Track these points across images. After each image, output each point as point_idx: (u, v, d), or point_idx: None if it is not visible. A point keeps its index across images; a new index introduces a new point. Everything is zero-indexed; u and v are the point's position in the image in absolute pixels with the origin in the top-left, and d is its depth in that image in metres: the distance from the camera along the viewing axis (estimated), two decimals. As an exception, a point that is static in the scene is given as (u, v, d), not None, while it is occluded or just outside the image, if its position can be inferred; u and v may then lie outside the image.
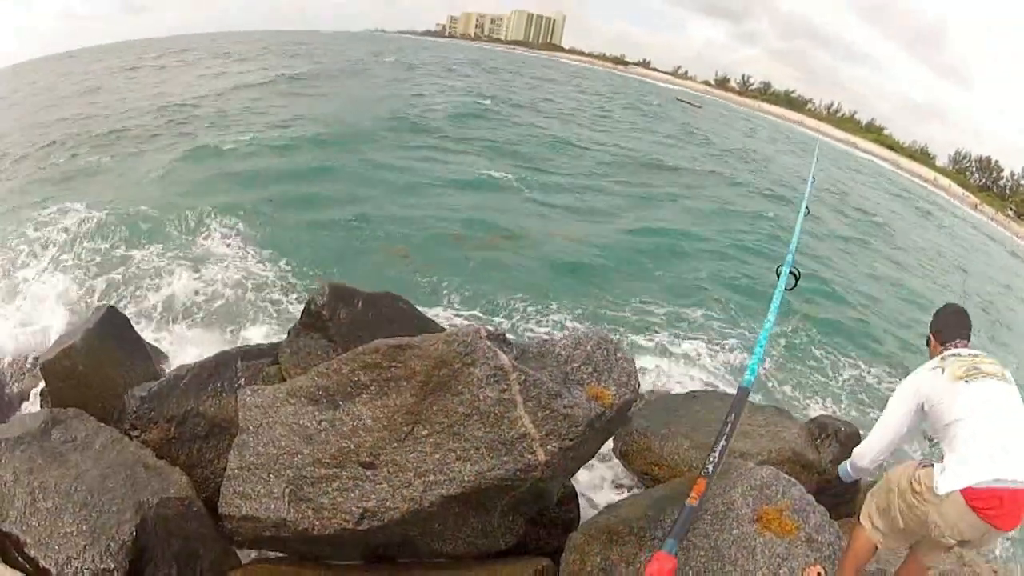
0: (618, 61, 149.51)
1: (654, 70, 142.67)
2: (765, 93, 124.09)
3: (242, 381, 4.62)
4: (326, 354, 4.61)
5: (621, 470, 5.16)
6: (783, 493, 3.34)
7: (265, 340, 6.62)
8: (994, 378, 2.65)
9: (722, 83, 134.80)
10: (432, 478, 3.12)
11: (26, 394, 5.39)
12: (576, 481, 4.56)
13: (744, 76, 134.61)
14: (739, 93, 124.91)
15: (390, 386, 3.40)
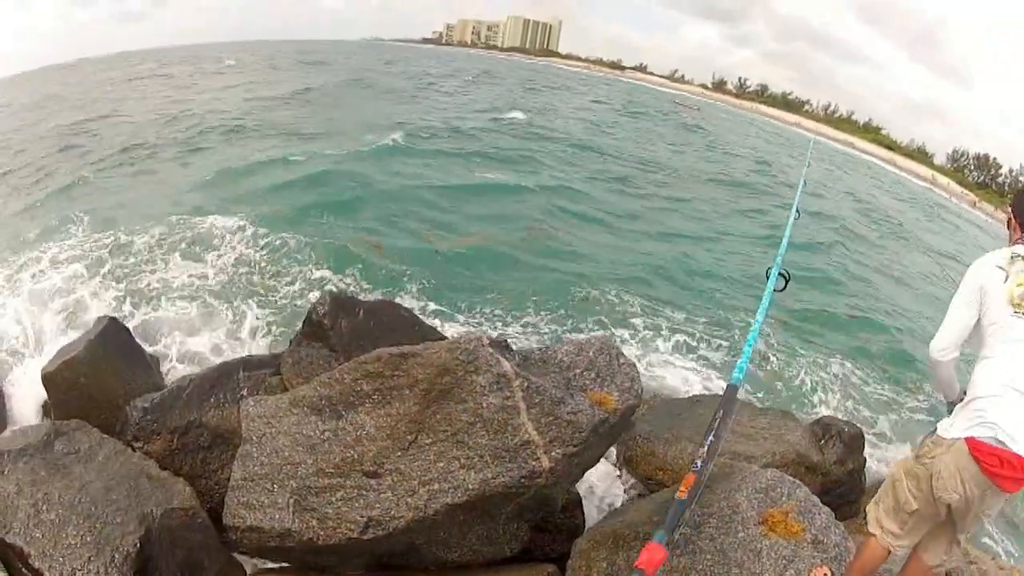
0: (614, 66, 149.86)
1: (651, 74, 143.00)
2: (762, 95, 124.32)
3: (244, 392, 4.62)
4: (328, 364, 4.62)
5: (625, 475, 5.15)
6: (788, 495, 3.34)
7: (268, 350, 6.62)
8: None
9: (719, 86, 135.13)
10: (436, 486, 3.11)
11: (28, 406, 5.38)
12: (580, 487, 4.56)
13: (741, 79, 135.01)
14: (736, 96, 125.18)
15: (393, 395, 3.40)
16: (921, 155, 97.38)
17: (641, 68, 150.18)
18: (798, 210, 4.81)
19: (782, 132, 70.69)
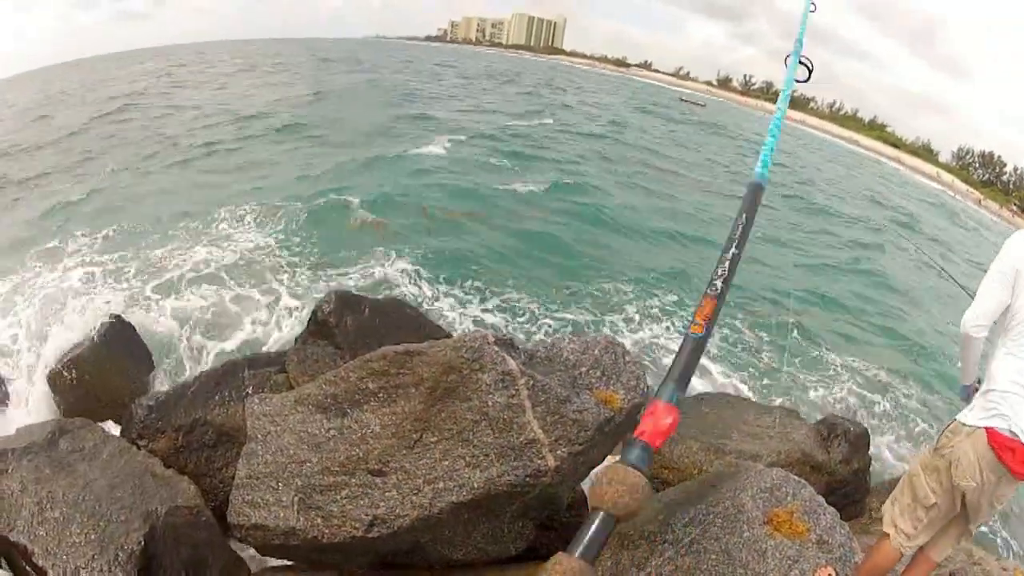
0: (620, 63, 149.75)
1: (656, 71, 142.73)
2: (767, 92, 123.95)
3: (249, 390, 4.62)
4: (333, 361, 4.62)
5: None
6: (793, 495, 3.32)
7: (274, 348, 6.63)
8: None
9: (724, 83, 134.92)
10: (442, 485, 3.10)
11: (33, 403, 5.39)
12: (586, 485, 4.54)
13: (746, 76, 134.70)
14: (742, 93, 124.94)
15: (398, 393, 3.39)
16: (926, 152, 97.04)
17: (646, 65, 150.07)
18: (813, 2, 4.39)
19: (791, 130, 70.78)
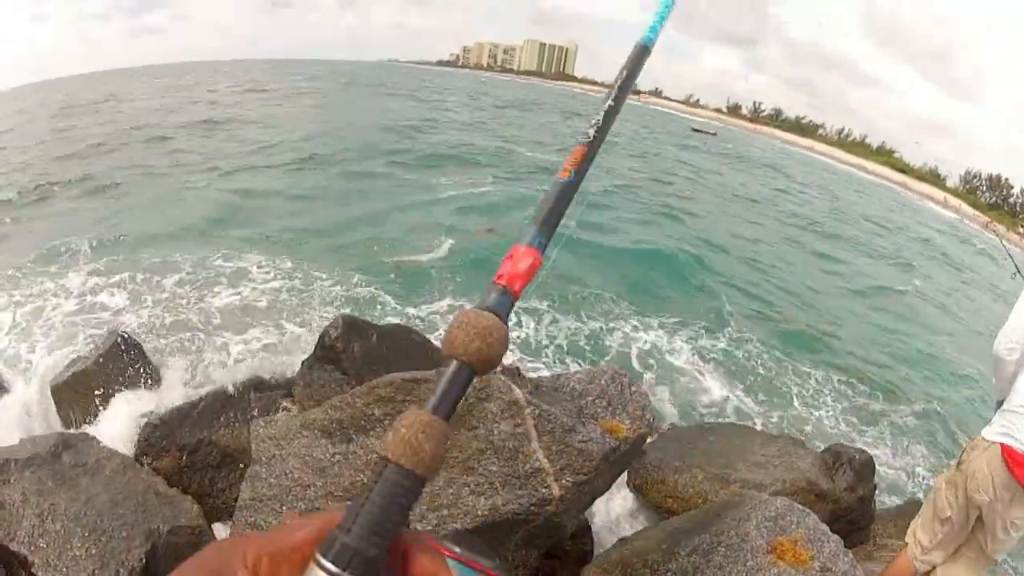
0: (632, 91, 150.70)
1: (666, 99, 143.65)
2: (776, 119, 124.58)
3: (255, 412, 4.63)
4: (340, 387, 4.61)
5: (635, 503, 5.10)
6: (797, 523, 3.31)
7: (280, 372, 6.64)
8: None
9: (734, 110, 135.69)
10: (446, 512, 3.09)
11: (37, 417, 5.40)
12: (590, 514, 4.52)
13: (755, 103, 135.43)
14: (751, 120, 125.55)
15: (404, 419, 3.38)
16: (933, 177, 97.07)
17: (656, 93, 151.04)
18: None
19: (791, 154, 71.23)
